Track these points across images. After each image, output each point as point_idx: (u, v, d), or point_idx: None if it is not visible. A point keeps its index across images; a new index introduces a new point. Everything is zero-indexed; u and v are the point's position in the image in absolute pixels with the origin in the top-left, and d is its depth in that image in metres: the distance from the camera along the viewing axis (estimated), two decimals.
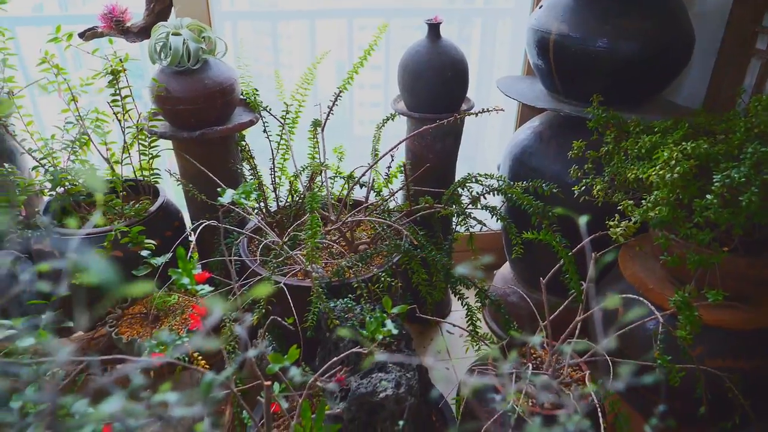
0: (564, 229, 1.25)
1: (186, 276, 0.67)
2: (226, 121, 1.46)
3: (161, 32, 1.36)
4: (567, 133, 1.43)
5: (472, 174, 1.38)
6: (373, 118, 1.60)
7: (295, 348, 0.73)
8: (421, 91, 1.48)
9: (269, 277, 1.24)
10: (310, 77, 1.57)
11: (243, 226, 1.52)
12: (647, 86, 1.38)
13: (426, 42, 1.47)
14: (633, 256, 1.28)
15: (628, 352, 1.17)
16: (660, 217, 1.00)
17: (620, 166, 1.17)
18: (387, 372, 1.12)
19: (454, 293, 1.37)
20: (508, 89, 1.52)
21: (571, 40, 1.32)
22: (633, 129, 1.21)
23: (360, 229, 1.58)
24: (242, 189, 0.92)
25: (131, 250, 1.34)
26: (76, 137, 1.43)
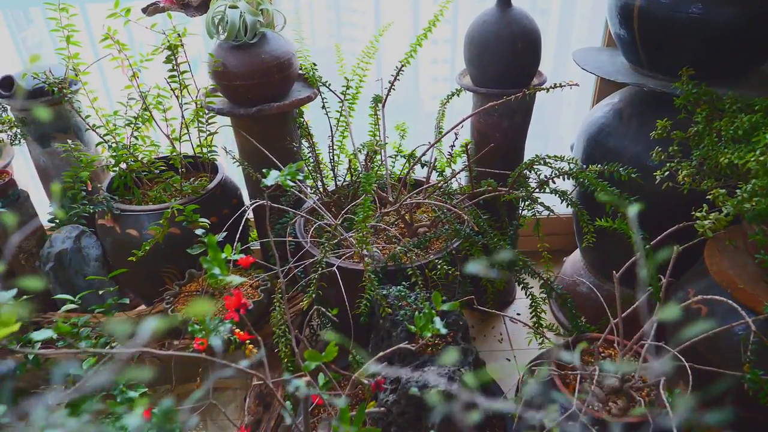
0: (642, 218, 1.13)
1: (216, 266, 0.63)
2: (284, 97, 1.42)
3: (219, 5, 1.32)
4: (650, 111, 1.29)
5: (540, 155, 1.27)
6: (445, 93, 1.51)
7: (333, 345, 0.68)
8: (488, 64, 1.38)
9: (321, 260, 1.20)
10: (372, 50, 1.50)
11: (300, 205, 1.49)
12: (747, 58, 1.22)
13: (495, 11, 1.37)
14: (722, 250, 1.15)
15: (710, 357, 1.05)
16: (758, 210, 0.87)
17: (712, 149, 1.03)
18: (440, 366, 1.06)
19: (518, 282, 1.29)
20: (585, 62, 1.39)
21: (659, 5, 1.18)
22: (729, 107, 1.07)
23: (420, 211, 1.51)
24: (288, 170, 0.87)
25: (188, 227, 1.33)
26: (139, 113, 1.44)
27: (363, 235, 1.16)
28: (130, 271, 1.33)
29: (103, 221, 1.42)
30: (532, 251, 1.41)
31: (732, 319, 0.98)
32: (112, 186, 1.48)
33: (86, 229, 1.48)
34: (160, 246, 1.31)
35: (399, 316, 1.14)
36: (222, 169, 1.52)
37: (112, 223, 1.40)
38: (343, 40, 1.93)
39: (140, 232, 1.38)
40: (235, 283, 0.62)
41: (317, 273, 1.20)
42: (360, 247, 1.18)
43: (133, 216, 1.39)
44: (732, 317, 0.98)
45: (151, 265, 1.40)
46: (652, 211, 1.20)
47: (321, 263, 1.21)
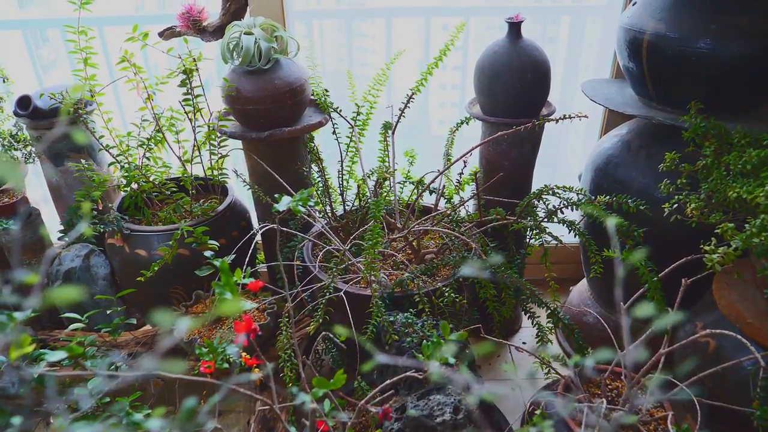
0: (651, 250, 1.13)
1: (228, 290, 0.63)
2: (296, 122, 1.44)
3: (234, 31, 1.35)
4: (659, 144, 1.30)
5: (548, 186, 1.28)
6: (453, 119, 1.53)
7: (341, 373, 0.68)
8: (498, 94, 1.39)
9: (329, 284, 1.20)
10: (383, 78, 1.52)
11: (309, 229, 1.50)
12: (756, 92, 1.23)
13: (505, 42, 1.39)
14: (730, 284, 1.14)
15: (719, 393, 1.04)
16: (767, 245, 0.87)
17: (720, 183, 1.04)
18: (446, 394, 1.05)
19: (525, 311, 1.29)
20: (594, 93, 1.41)
21: (668, 40, 1.19)
22: (737, 141, 1.07)
23: (428, 237, 1.52)
24: (299, 196, 0.88)
25: (197, 249, 1.34)
26: (152, 135, 1.46)
27: (371, 261, 1.16)
28: (137, 291, 1.33)
29: (113, 240, 1.43)
30: (539, 279, 1.41)
31: (741, 353, 0.98)
32: (122, 206, 1.49)
33: (95, 248, 1.50)
34: (168, 267, 1.32)
35: (405, 343, 1.13)
36: (232, 191, 1.54)
37: (122, 243, 1.41)
38: (354, 64, 1.96)
39: (149, 253, 1.39)
40: (246, 309, 0.62)
41: (325, 297, 1.20)
42: (368, 273, 1.18)
43: (142, 236, 1.40)
44: (741, 352, 0.98)
45: (159, 286, 1.40)
46: (660, 243, 1.20)
47: (329, 288, 1.21)
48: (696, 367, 1.07)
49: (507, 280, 1.21)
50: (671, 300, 1.05)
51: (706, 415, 1.05)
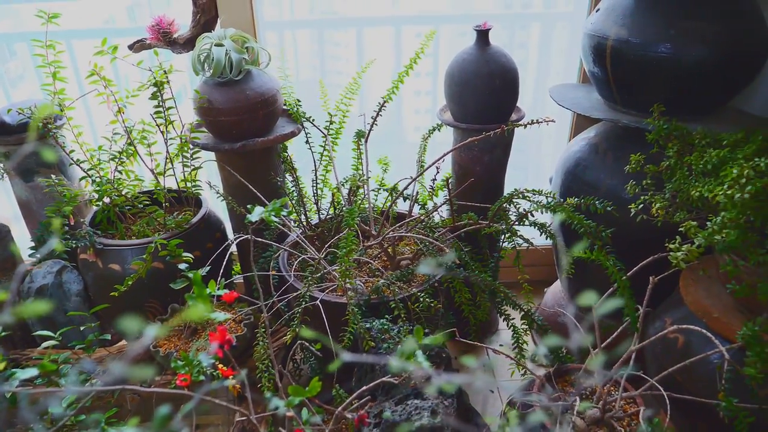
0: (619, 249, 1.16)
1: (201, 302, 0.64)
2: (268, 133, 1.44)
3: (205, 43, 1.35)
4: (625, 146, 1.34)
5: (519, 190, 1.30)
6: (429, 125, 1.55)
7: (317, 380, 0.69)
8: (467, 100, 1.42)
9: (305, 293, 1.21)
10: (355, 87, 1.53)
11: (284, 239, 1.50)
12: (715, 95, 1.27)
13: (473, 49, 1.41)
14: (696, 280, 1.18)
15: (688, 386, 1.07)
16: (727, 242, 0.90)
17: (683, 183, 1.07)
18: (423, 399, 1.06)
19: (500, 314, 1.30)
20: (561, 98, 1.44)
21: (631, 45, 1.23)
22: (698, 142, 1.11)
23: (403, 244, 1.53)
24: (272, 206, 0.88)
25: (171, 262, 1.33)
26: (123, 148, 1.45)
27: (346, 268, 1.17)
28: (112, 307, 1.32)
29: (86, 256, 1.41)
30: (513, 282, 1.43)
31: (708, 348, 1.01)
32: (95, 220, 1.48)
33: (68, 264, 1.48)
34: (142, 281, 1.31)
35: (382, 349, 1.14)
36: (206, 203, 1.53)
37: (95, 258, 1.40)
38: (327, 72, 1.97)
39: (123, 267, 1.38)
40: (219, 320, 0.62)
41: (301, 307, 1.20)
42: (343, 281, 1.19)
43: (115, 250, 1.39)
44: (708, 346, 1.01)
45: (134, 300, 1.39)
46: (628, 243, 1.23)
47: (305, 297, 1.21)
48: (666, 362, 1.09)
49: (481, 283, 1.23)
50: (641, 298, 1.08)
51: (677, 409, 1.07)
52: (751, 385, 0.90)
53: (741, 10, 1.21)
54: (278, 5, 1.82)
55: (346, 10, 1.87)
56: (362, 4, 1.83)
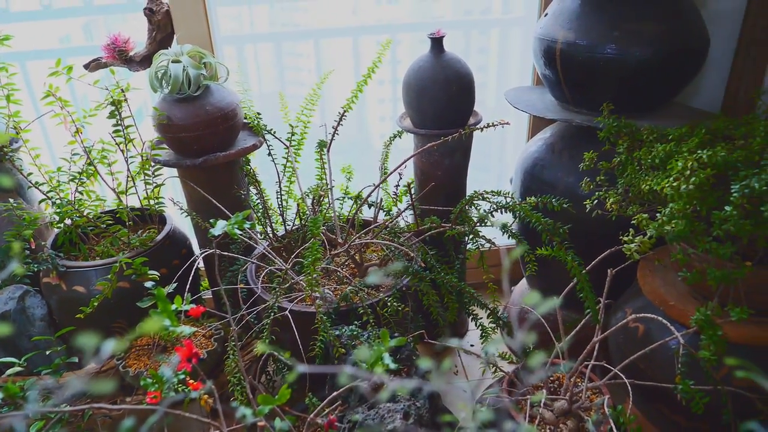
0: (578, 245, 1.20)
1: (166, 317, 0.64)
2: (230, 147, 1.44)
3: (162, 60, 1.35)
4: (579, 144, 1.38)
5: (479, 192, 1.33)
6: (390, 133, 1.57)
7: (285, 388, 0.70)
8: (425, 107, 1.44)
9: (273, 304, 1.21)
10: (315, 97, 1.55)
11: (251, 251, 1.50)
12: (660, 92, 1.32)
13: (429, 57, 1.44)
14: (652, 270, 1.22)
15: (650, 373, 1.11)
16: (676, 231, 0.94)
17: (634, 178, 1.12)
18: (395, 401, 1.08)
19: (468, 314, 1.33)
20: (516, 101, 1.48)
21: (578, 47, 1.27)
22: (646, 137, 1.16)
23: (369, 251, 1.55)
24: (234, 219, 0.89)
25: (137, 281, 1.32)
26: (83, 168, 1.43)
27: (313, 277, 1.18)
28: (78, 329, 1.30)
29: (49, 279, 1.39)
30: (479, 283, 1.46)
31: (666, 335, 1.05)
32: (56, 243, 1.46)
33: (30, 288, 1.45)
34: (108, 301, 1.30)
35: (353, 355, 1.15)
36: (170, 220, 1.53)
37: (58, 281, 1.38)
38: (287, 84, 1.98)
39: (88, 288, 1.36)
40: (185, 334, 0.63)
41: (270, 318, 1.21)
42: (310, 290, 1.20)
43: (79, 272, 1.37)
44: (666, 333, 1.05)
45: (100, 322, 1.38)
46: (586, 238, 1.28)
47: (273, 308, 1.22)
48: (628, 351, 1.13)
49: (447, 285, 1.25)
50: (602, 290, 1.11)
51: (640, 395, 1.11)
52: (706, 368, 0.94)
53: (680, 10, 1.26)
54: (238, 19, 1.83)
55: (306, 22, 1.89)
56: (321, 16, 1.85)
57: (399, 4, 1.91)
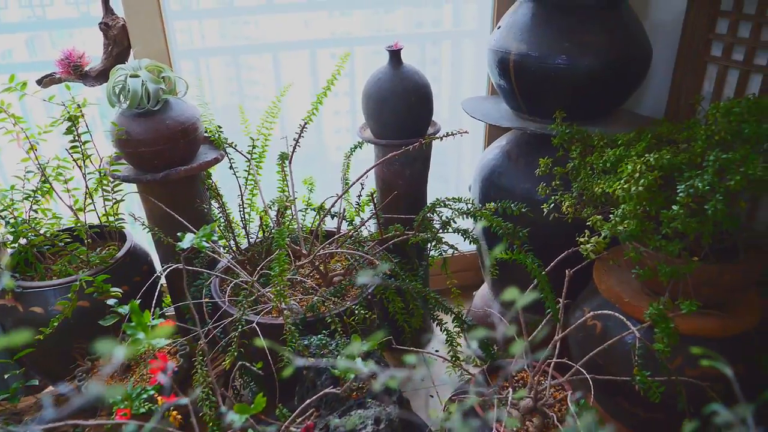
0: (537, 248, 1.25)
1: (140, 330, 0.64)
2: (191, 161, 1.44)
3: (119, 75, 1.34)
4: (534, 151, 1.43)
5: (440, 199, 1.37)
6: (350, 144, 1.60)
7: (261, 396, 0.71)
8: (385, 118, 1.47)
9: (240, 318, 1.21)
10: (275, 110, 1.56)
11: (214, 265, 1.49)
12: (609, 100, 1.39)
13: (388, 69, 1.47)
14: (608, 269, 1.28)
15: (609, 368, 1.16)
16: (628, 231, 0.99)
17: (587, 181, 1.17)
18: (366, 408, 1.09)
19: (433, 319, 1.35)
20: (473, 110, 1.53)
21: (531, 58, 1.33)
22: (597, 143, 1.21)
23: (334, 261, 1.56)
24: (203, 232, 0.90)
25: (98, 299, 1.30)
26: (38, 186, 1.40)
27: (280, 288, 1.19)
28: (36, 351, 1.27)
29: (4, 301, 1.35)
30: (443, 289, 1.49)
31: (622, 330, 1.10)
32: (11, 263, 1.41)
33: None
34: (68, 321, 1.27)
35: (322, 364, 1.16)
36: (130, 236, 1.50)
37: (14, 302, 1.34)
38: (245, 98, 1.98)
39: (46, 309, 1.33)
40: (161, 345, 0.63)
41: (237, 331, 1.20)
42: (278, 301, 1.20)
43: (36, 293, 1.34)
44: (622, 329, 1.10)
45: (60, 343, 1.34)
46: (544, 241, 1.32)
47: (240, 321, 1.22)
48: (588, 347, 1.18)
49: (412, 291, 1.27)
50: (561, 291, 1.16)
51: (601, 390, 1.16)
52: (660, 359, 0.99)
53: (624, 22, 1.33)
54: (190, 33, 1.82)
55: (260, 36, 1.90)
56: (275, 29, 1.86)
57: (351, 17, 1.94)
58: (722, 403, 1.02)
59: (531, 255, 1.19)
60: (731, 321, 1.10)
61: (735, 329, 1.10)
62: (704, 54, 1.40)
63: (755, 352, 1.13)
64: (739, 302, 1.15)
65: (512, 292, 0.70)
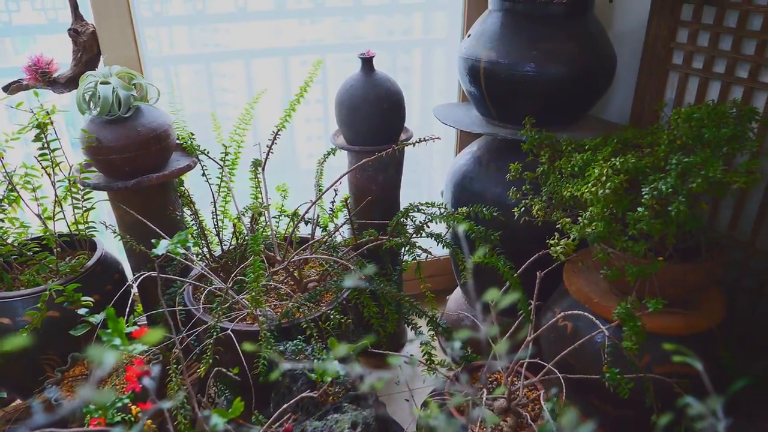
0: (508, 251, 1.27)
1: (117, 336, 0.64)
2: (163, 168, 1.43)
3: (89, 82, 1.33)
4: (505, 157, 1.46)
5: (413, 204, 1.38)
6: (322, 151, 1.60)
7: (239, 401, 0.71)
8: (358, 124, 1.49)
9: (214, 325, 1.20)
10: (248, 117, 1.56)
11: (187, 273, 1.48)
12: (576, 106, 1.43)
13: (360, 76, 1.49)
14: (577, 271, 1.31)
15: (579, 367, 1.19)
16: (596, 233, 1.02)
17: (556, 185, 1.20)
18: (343, 412, 1.10)
19: (407, 323, 1.37)
20: (444, 117, 1.55)
21: (501, 66, 1.36)
22: (565, 148, 1.25)
23: (308, 267, 1.56)
24: (177, 239, 0.89)
25: (69, 308, 1.28)
26: (4, 195, 1.38)
27: (255, 295, 1.19)
28: (5, 363, 1.24)
29: None
30: (417, 294, 1.50)
31: (592, 329, 1.13)
32: None
33: None
34: (38, 332, 1.25)
35: (298, 370, 1.17)
36: (101, 245, 1.48)
37: None
38: (216, 105, 1.97)
39: (14, 320, 1.30)
40: (138, 351, 0.63)
41: (212, 339, 1.20)
42: (253, 307, 1.20)
43: (3, 303, 1.31)
44: (592, 328, 1.13)
45: (29, 354, 1.31)
46: (517, 244, 1.35)
47: (215, 328, 1.21)
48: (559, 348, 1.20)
49: (387, 296, 1.29)
50: (533, 293, 1.18)
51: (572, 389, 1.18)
52: (629, 356, 1.02)
53: (589, 31, 1.37)
54: (159, 40, 1.81)
55: (231, 43, 1.90)
56: (246, 37, 1.86)
57: (322, 25, 1.95)
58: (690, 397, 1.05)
59: (503, 258, 1.22)
60: (695, 319, 1.14)
61: (699, 327, 1.14)
62: (666, 62, 1.45)
63: (718, 349, 1.17)
64: (703, 300, 1.20)
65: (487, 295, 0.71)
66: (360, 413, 1.09)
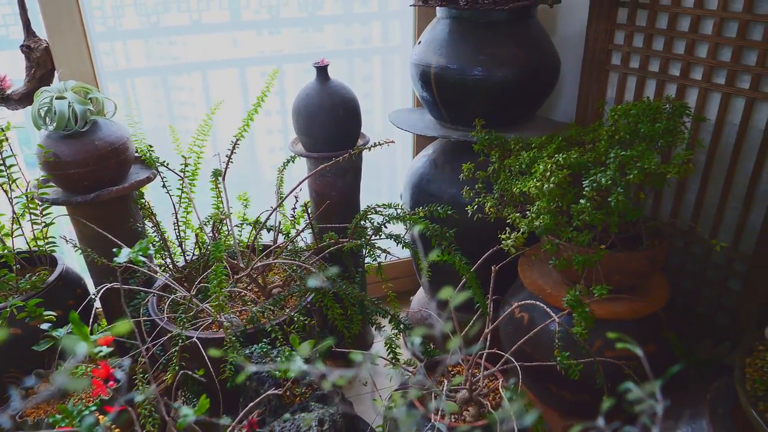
0: (464, 248, 1.32)
1: (83, 340, 0.66)
2: (123, 181, 1.44)
3: (44, 97, 1.33)
4: (458, 158, 1.51)
5: (371, 206, 1.42)
6: (281, 162, 1.63)
7: (204, 398, 0.73)
8: (316, 132, 1.52)
9: (180, 333, 1.22)
10: (206, 128, 1.58)
11: (151, 284, 1.49)
12: (523, 107, 1.49)
13: (316, 84, 1.53)
14: (530, 264, 1.37)
15: (536, 356, 1.24)
16: (544, 225, 1.08)
17: (506, 182, 1.26)
18: (309, 411, 1.12)
19: (371, 324, 1.40)
20: (399, 122, 1.60)
21: (450, 71, 1.41)
22: (514, 147, 1.31)
23: (272, 273, 1.59)
24: (139, 247, 0.91)
25: (30, 325, 1.27)
26: None
27: (219, 301, 1.21)
28: None
29: None
30: (382, 296, 1.54)
31: (546, 319, 1.18)
32: None
33: None
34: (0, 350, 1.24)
35: (264, 373, 1.19)
36: (61, 260, 1.48)
37: None
38: (174, 118, 1.98)
39: None
40: (104, 353, 0.65)
41: (177, 347, 1.21)
42: (217, 314, 1.22)
43: None
44: (546, 318, 1.18)
45: None
46: (472, 241, 1.40)
47: (181, 336, 1.23)
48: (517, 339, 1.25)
49: (350, 297, 1.32)
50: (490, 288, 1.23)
51: (530, 377, 1.24)
52: (579, 342, 1.08)
53: (533, 36, 1.44)
54: (111, 54, 1.81)
55: (188, 55, 1.91)
56: (203, 49, 1.88)
57: (281, 35, 1.98)
58: (639, 379, 1.12)
59: (459, 255, 1.27)
60: (641, 304, 1.21)
61: (645, 311, 1.21)
62: (606, 63, 1.53)
63: (665, 331, 1.24)
64: (648, 286, 1.27)
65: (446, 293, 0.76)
66: (326, 410, 1.12)
